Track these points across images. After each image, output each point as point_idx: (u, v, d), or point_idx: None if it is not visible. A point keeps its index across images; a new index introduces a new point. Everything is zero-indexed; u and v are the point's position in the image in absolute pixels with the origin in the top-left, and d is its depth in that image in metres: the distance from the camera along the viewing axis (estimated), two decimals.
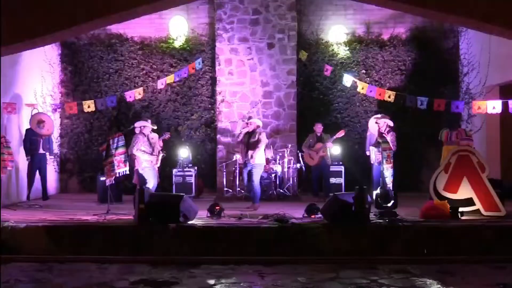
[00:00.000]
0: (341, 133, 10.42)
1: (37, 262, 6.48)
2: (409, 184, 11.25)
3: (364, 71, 12.05)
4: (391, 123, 9.23)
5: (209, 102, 12.13)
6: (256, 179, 9.05)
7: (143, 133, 9.08)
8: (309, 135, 10.80)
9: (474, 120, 11.30)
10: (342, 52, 12.15)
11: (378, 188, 8.58)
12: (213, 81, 12.00)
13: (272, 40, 11.69)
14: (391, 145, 8.94)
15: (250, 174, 9.05)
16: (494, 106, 9.25)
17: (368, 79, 11.83)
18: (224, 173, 11.18)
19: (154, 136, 9.37)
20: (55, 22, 7.24)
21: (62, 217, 7.85)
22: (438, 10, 7.38)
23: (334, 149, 10.84)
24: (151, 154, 8.97)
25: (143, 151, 8.90)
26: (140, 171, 8.96)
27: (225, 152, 11.65)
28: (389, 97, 10.05)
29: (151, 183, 8.91)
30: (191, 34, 12.24)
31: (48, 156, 10.35)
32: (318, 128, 10.68)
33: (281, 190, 10.75)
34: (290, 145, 11.17)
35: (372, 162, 9.62)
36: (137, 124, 9.24)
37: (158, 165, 9.11)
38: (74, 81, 12.10)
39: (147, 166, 8.95)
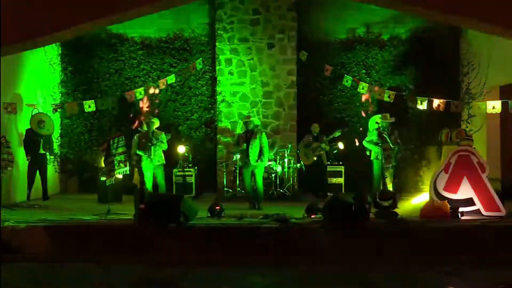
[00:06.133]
0: (336, 134, 10.59)
1: (37, 262, 6.48)
2: (409, 184, 11.25)
3: (364, 71, 12.06)
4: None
5: (209, 102, 12.13)
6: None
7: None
8: (306, 135, 10.93)
9: (474, 120, 11.30)
10: (342, 52, 12.15)
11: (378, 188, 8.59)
12: (213, 81, 12.00)
13: (272, 40, 11.70)
14: (390, 145, 8.95)
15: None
16: (494, 106, 9.26)
17: (368, 79, 11.83)
18: (224, 173, 11.18)
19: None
20: (55, 22, 7.24)
21: (62, 217, 7.84)
22: (438, 10, 7.38)
23: (332, 149, 10.94)
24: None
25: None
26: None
27: (225, 152, 11.67)
28: (389, 97, 10.06)
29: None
30: (191, 34, 12.24)
31: (48, 156, 10.35)
32: (315, 128, 10.80)
33: (281, 190, 10.75)
34: (290, 145, 11.19)
35: (371, 158, 9.55)
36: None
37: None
38: (74, 81, 12.08)
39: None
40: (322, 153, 10.75)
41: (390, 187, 8.89)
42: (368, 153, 10.13)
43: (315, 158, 10.77)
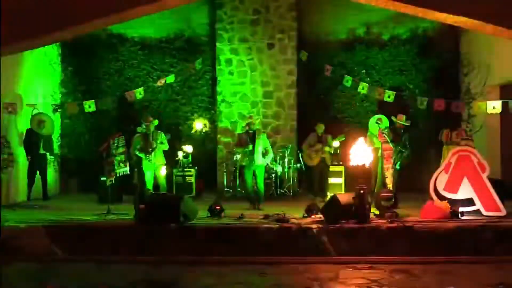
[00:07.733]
0: (341, 137, 10.51)
1: (37, 262, 6.49)
2: (409, 184, 11.24)
3: (364, 71, 12.06)
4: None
5: (209, 102, 12.13)
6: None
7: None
8: (310, 134, 10.80)
9: (474, 120, 11.30)
10: (342, 52, 12.15)
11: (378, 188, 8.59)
12: (213, 81, 12.01)
13: (272, 40, 11.70)
14: (391, 145, 8.94)
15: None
16: (494, 106, 9.25)
17: (368, 79, 11.83)
18: (224, 173, 11.18)
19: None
20: (55, 22, 7.23)
21: (62, 217, 7.84)
22: (438, 10, 7.39)
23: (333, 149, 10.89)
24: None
25: None
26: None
27: (225, 152, 11.67)
28: (389, 97, 10.06)
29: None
30: (191, 34, 12.24)
31: (48, 156, 10.35)
32: (319, 128, 10.69)
33: (281, 190, 10.75)
34: (290, 145, 11.18)
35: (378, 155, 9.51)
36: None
37: None
38: (74, 81, 12.09)
39: None
40: (325, 155, 10.66)
41: (391, 187, 8.88)
42: None
43: (318, 160, 10.68)
